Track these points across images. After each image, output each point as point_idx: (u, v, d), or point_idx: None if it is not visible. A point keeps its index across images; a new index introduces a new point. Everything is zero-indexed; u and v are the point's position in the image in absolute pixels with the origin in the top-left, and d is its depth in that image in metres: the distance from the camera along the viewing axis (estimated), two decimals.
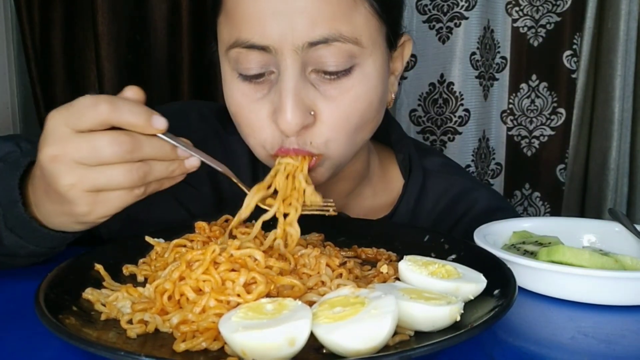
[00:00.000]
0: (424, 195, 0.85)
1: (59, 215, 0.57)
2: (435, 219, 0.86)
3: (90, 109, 0.52)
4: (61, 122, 0.53)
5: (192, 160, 0.59)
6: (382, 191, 0.87)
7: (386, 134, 0.87)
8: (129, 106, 0.54)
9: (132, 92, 0.57)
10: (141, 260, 0.62)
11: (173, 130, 0.64)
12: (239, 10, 0.65)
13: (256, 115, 0.67)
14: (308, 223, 0.71)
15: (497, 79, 1.62)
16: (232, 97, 0.70)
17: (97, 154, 0.52)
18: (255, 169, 0.84)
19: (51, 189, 0.54)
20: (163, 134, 0.56)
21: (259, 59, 0.65)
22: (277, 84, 0.65)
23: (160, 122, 0.55)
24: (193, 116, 0.86)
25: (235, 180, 0.64)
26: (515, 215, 0.90)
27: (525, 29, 1.58)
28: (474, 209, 0.86)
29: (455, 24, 1.53)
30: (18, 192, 0.59)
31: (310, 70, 0.65)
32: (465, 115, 1.58)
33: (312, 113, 0.65)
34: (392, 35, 0.72)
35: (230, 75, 0.69)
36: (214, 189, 0.83)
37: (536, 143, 1.63)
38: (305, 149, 0.67)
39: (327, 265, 0.56)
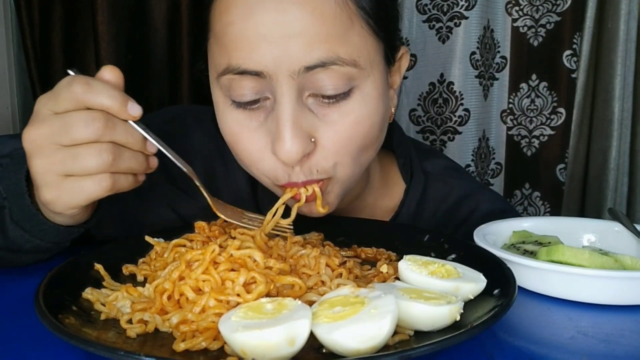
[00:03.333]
0: (425, 200, 0.84)
1: (40, 203, 0.58)
2: (437, 223, 0.84)
3: (65, 89, 0.52)
4: (43, 105, 0.54)
5: (154, 159, 0.59)
6: (384, 196, 0.85)
7: (387, 138, 0.86)
8: (104, 88, 0.53)
9: (109, 73, 0.55)
10: (141, 260, 0.62)
11: (172, 137, 0.63)
12: (229, 35, 0.61)
13: (254, 146, 0.65)
14: (308, 223, 0.71)
15: (497, 79, 1.62)
16: (227, 125, 0.66)
17: (69, 129, 0.52)
18: (253, 179, 0.83)
19: (31, 173, 0.55)
20: (135, 123, 0.55)
21: (253, 85, 0.62)
22: (274, 111, 0.62)
23: (135, 109, 0.54)
24: (190, 122, 0.85)
25: (197, 184, 0.62)
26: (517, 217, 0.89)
27: (525, 28, 1.58)
28: (475, 213, 0.84)
29: (455, 23, 1.53)
30: (25, 184, 0.59)
31: (307, 95, 0.62)
32: (465, 114, 1.58)
33: (313, 140, 0.63)
34: (390, 51, 0.69)
35: (223, 102, 0.66)
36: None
37: (536, 143, 1.63)
38: (313, 177, 0.65)
39: (327, 265, 0.56)
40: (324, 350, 0.43)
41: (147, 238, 0.64)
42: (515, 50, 1.60)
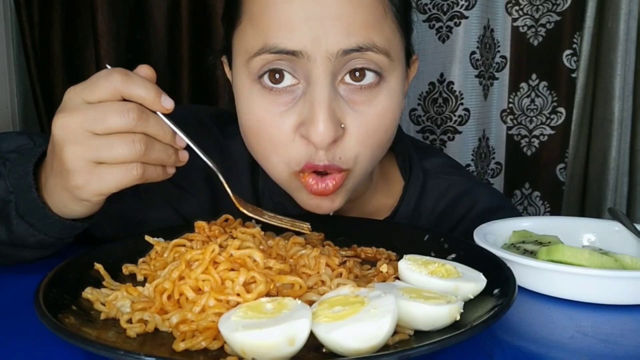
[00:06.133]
0: (424, 197, 0.85)
1: (60, 190, 0.58)
2: (436, 220, 0.85)
3: (104, 78, 0.54)
4: (76, 94, 0.55)
5: (185, 153, 0.59)
6: (383, 193, 0.86)
7: None
8: (141, 80, 0.55)
9: (145, 69, 0.58)
10: (141, 260, 0.62)
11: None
12: (268, 15, 0.63)
13: (279, 130, 0.65)
14: (308, 223, 0.71)
15: (497, 78, 1.62)
16: (252, 112, 0.67)
17: (104, 118, 0.53)
18: (255, 174, 0.83)
19: (57, 159, 0.56)
20: (165, 117, 0.57)
21: (286, 68, 0.64)
22: (306, 94, 0.63)
23: (168, 102, 0.56)
24: (190, 121, 0.85)
25: (222, 179, 0.62)
26: (516, 214, 0.89)
27: (525, 28, 1.58)
28: (474, 210, 0.85)
29: (455, 23, 1.52)
30: (32, 177, 0.60)
31: (339, 80, 0.64)
32: (465, 114, 1.57)
33: (343, 126, 0.64)
34: (408, 52, 0.72)
35: (249, 87, 0.66)
36: (211, 196, 0.82)
37: (536, 142, 1.63)
38: (335, 164, 0.65)
39: (327, 265, 0.56)
40: (324, 350, 0.43)
41: (147, 238, 0.64)
42: (515, 49, 1.60)
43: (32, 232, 0.61)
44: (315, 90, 0.62)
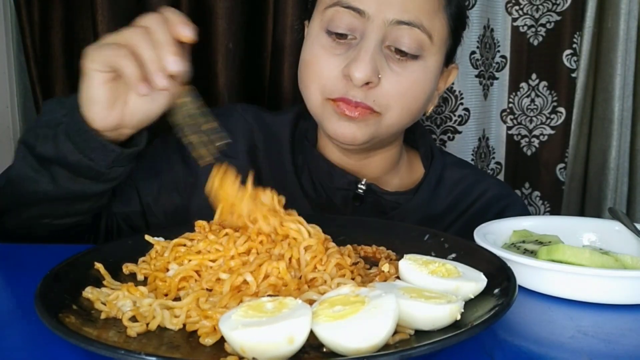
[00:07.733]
0: (442, 182, 0.97)
1: (82, 86, 0.68)
2: (452, 201, 0.95)
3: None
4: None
5: (175, 67, 0.64)
6: (407, 179, 0.99)
7: (412, 136, 1.00)
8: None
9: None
10: (141, 259, 0.62)
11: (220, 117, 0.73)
12: None
13: (328, 65, 0.79)
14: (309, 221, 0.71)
15: (496, 78, 1.62)
16: (311, 48, 0.82)
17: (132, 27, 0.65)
18: (295, 153, 0.93)
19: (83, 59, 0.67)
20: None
21: (350, 21, 0.78)
22: (357, 45, 0.78)
23: (187, 30, 0.68)
24: (237, 109, 0.97)
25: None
26: (521, 202, 1.03)
27: (525, 28, 1.58)
28: (486, 194, 0.97)
29: None
30: (78, 105, 0.68)
31: (386, 45, 0.78)
32: (465, 114, 1.57)
33: (379, 76, 0.77)
34: (449, 54, 0.86)
35: (317, 31, 0.82)
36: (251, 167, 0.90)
37: (536, 142, 1.62)
38: (367, 104, 0.78)
39: (338, 263, 0.56)
40: (324, 349, 0.43)
41: (147, 237, 0.64)
42: (515, 49, 1.59)
43: (73, 151, 0.68)
44: (365, 42, 0.77)
